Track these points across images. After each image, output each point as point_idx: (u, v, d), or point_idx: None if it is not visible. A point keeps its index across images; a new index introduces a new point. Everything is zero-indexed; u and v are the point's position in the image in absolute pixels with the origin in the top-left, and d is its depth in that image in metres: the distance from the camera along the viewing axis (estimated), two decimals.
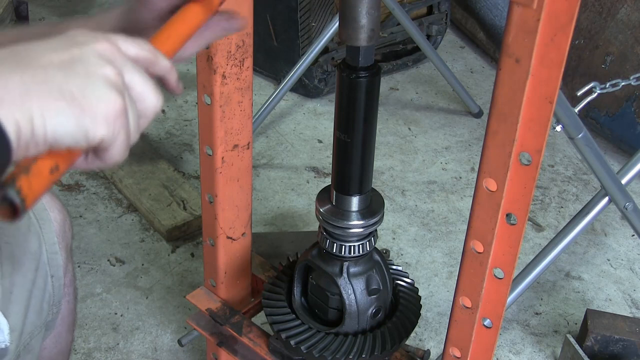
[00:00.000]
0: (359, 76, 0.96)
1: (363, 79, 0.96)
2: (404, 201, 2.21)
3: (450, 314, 1.00)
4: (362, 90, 0.97)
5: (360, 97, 0.97)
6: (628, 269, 2.02)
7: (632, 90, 2.25)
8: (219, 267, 1.25)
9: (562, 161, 2.45)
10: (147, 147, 2.28)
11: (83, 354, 1.66)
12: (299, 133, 2.50)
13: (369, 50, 0.95)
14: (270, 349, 1.17)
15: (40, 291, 1.12)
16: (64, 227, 1.18)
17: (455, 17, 3.17)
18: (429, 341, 1.75)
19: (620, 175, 1.54)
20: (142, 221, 2.05)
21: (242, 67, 1.07)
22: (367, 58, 0.96)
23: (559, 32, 0.72)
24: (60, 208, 1.18)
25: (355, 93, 0.97)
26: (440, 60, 2.51)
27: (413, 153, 2.44)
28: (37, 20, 3.04)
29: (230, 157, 1.14)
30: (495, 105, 0.80)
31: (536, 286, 1.92)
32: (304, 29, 2.55)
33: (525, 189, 0.83)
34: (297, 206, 2.16)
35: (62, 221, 1.18)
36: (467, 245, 0.93)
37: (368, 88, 0.97)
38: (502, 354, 1.74)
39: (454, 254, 2.00)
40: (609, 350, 1.63)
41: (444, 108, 2.70)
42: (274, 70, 2.71)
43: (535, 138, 0.79)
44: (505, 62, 0.77)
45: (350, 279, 1.09)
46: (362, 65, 0.96)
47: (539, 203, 2.24)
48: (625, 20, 2.34)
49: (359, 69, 0.96)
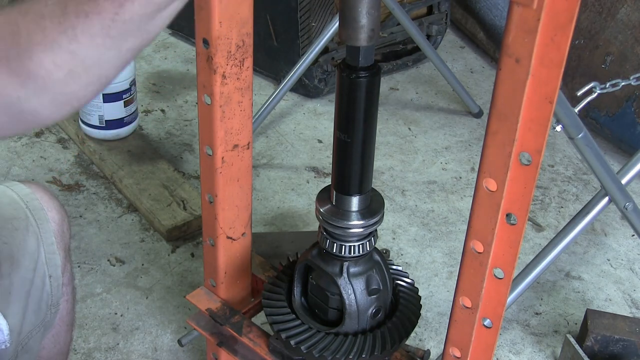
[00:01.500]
0: (359, 76, 0.96)
1: (363, 79, 0.96)
2: (404, 201, 2.21)
3: (450, 314, 1.00)
4: (362, 90, 0.97)
5: (360, 97, 0.97)
6: (628, 269, 2.02)
7: (632, 90, 2.25)
8: (219, 267, 1.25)
9: (562, 161, 2.45)
10: (147, 147, 2.28)
11: (83, 354, 1.66)
12: (299, 133, 2.50)
13: (369, 50, 0.95)
14: (270, 349, 1.17)
15: (38, 291, 1.12)
16: (62, 227, 1.18)
17: (455, 17, 3.17)
18: (429, 341, 1.75)
19: (620, 175, 1.54)
20: (142, 221, 2.05)
21: (242, 67, 1.07)
22: (367, 58, 0.96)
23: (559, 32, 0.72)
24: (58, 208, 1.19)
25: (355, 93, 0.97)
26: (440, 60, 2.51)
27: (413, 153, 2.44)
28: None
29: (231, 157, 1.14)
30: (495, 105, 0.80)
31: (536, 286, 1.92)
32: (304, 29, 2.55)
33: (526, 189, 0.83)
34: (297, 206, 2.16)
35: (60, 221, 1.18)
36: (467, 245, 0.93)
37: (368, 88, 0.97)
38: (502, 354, 1.74)
39: (454, 254, 2.00)
40: (609, 350, 1.63)
41: (444, 108, 2.70)
42: (274, 70, 2.71)
43: (535, 138, 0.79)
44: (505, 62, 0.77)
45: (350, 279, 1.09)
46: (362, 65, 0.96)
47: (539, 203, 2.24)
48: (625, 20, 2.34)
49: (359, 69, 0.96)
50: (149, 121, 2.49)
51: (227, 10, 1.00)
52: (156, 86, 2.70)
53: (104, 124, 2.22)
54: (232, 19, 1.01)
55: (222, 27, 1.01)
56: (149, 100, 2.60)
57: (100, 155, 2.22)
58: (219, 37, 1.01)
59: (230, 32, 1.02)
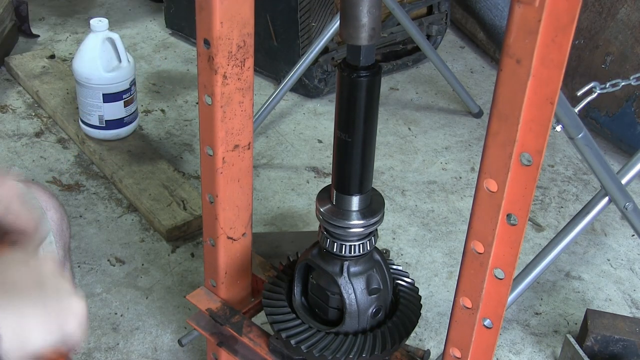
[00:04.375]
0: (360, 75, 0.96)
1: (364, 79, 0.96)
2: (404, 201, 2.21)
3: (451, 314, 1.00)
4: (363, 89, 0.97)
5: (360, 97, 0.97)
6: (628, 269, 2.02)
7: (632, 90, 2.25)
8: (219, 267, 1.25)
9: (562, 161, 2.45)
10: (147, 147, 2.28)
11: (83, 354, 1.66)
12: (299, 133, 2.50)
13: (369, 49, 0.95)
14: (271, 349, 1.17)
15: None
16: (62, 226, 1.18)
17: (455, 17, 3.17)
18: (429, 341, 1.75)
19: (620, 175, 1.54)
20: (142, 221, 2.05)
21: (243, 68, 1.07)
22: (368, 57, 0.96)
23: (560, 33, 0.72)
24: (57, 207, 1.19)
25: (356, 92, 0.97)
26: (440, 60, 2.51)
27: (413, 153, 2.44)
28: (37, 21, 3.04)
29: (231, 158, 1.14)
30: (496, 106, 0.80)
31: (536, 286, 1.92)
32: (304, 29, 2.55)
33: (526, 189, 0.83)
34: (297, 206, 2.16)
35: (60, 220, 1.18)
36: (467, 246, 0.93)
37: (369, 87, 0.97)
38: (502, 354, 1.74)
39: (454, 254, 2.01)
40: (609, 350, 1.63)
41: (444, 108, 2.71)
42: (274, 70, 2.71)
43: (536, 139, 0.79)
44: (506, 62, 0.77)
45: (350, 278, 1.09)
46: (363, 64, 0.96)
47: (539, 203, 2.25)
48: (625, 20, 2.34)
49: (360, 69, 0.96)
50: (149, 121, 2.49)
51: (228, 10, 1.00)
52: (156, 86, 2.70)
53: (104, 124, 2.22)
54: (233, 19, 1.02)
55: (223, 28, 1.01)
56: (149, 100, 2.60)
57: (100, 155, 2.22)
58: (220, 37, 1.01)
59: (232, 33, 1.02)
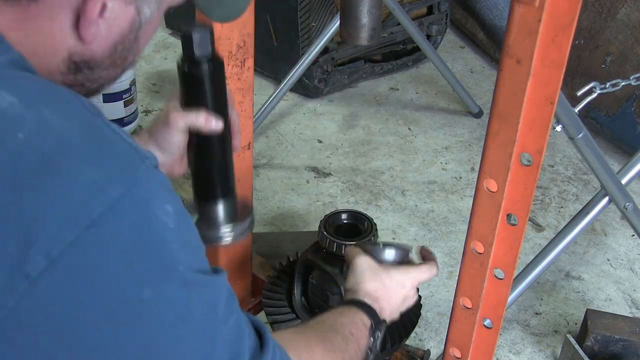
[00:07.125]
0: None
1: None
2: (404, 201, 2.21)
3: (451, 314, 1.00)
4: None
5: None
6: (628, 269, 2.02)
7: (632, 90, 2.25)
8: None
9: (562, 161, 2.45)
10: None
11: None
12: (299, 133, 2.50)
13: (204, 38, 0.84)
14: None
15: None
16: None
17: (455, 17, 3.17)
18: (429, 341, 1.75)
19: (620, 175, 1.54)
20: None
21: (243, 68, 1.07)
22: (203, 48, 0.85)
23: (560, 33, 0.72)
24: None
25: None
26: (440, 60, 2.51)
27: (413, 153, 2.44)
28: None
29: None
30: (496, 106, 0.80)
31: (536, 286, 1.92)
32: (304, 29, 2.55)
33: (526, 189, 0.83)
34: (297, 206, 2.16)
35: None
36: (467, 246, 0.93)
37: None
38: (502, 354, 1.74)
39: (454, 254, 2.00)
40: (609, 350, 1.63)
41: (444, 108, 2.70)
42: (274, 70, 2.71)
43: (536, 139, 0.79)
44: (506, 62, 0.77)
45: None
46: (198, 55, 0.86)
47: (539, 203, 2.25)
48: (625, 20, 2.34)
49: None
50: (149, 121, 2.48)
51: None
52: (156, 86, 2.70)
53: None
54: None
55: (223, 28, 1.01)
56: (149, 100, 2.60)
57: None
58: (220, 37, 1.01)
59: (231, 33, 1.02)
